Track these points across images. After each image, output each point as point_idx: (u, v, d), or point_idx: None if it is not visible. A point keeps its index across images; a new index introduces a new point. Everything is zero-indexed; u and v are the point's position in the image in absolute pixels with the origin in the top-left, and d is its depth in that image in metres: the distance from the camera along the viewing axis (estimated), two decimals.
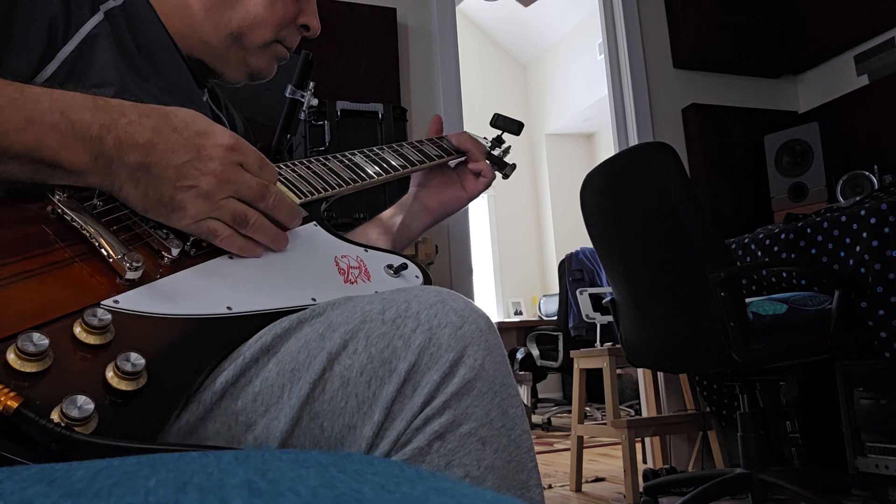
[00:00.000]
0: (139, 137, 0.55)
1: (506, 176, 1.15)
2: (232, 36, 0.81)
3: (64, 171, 0.54)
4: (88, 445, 0.42)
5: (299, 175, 0.78)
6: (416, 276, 0.71)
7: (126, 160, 0.55)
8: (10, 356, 0.44)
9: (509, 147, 1.14)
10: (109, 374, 0.46)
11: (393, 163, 0.90)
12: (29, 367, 0.44)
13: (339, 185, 0.80)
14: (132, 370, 0.46)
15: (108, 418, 0.45)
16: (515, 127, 1.12)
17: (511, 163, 1.14)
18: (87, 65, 0.67)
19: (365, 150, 0.90)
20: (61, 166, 0.54)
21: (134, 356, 0.47)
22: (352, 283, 0.67)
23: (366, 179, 0.84)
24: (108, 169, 0.55)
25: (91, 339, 0.47)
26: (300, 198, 0.74)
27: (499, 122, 1.13)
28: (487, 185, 1.00)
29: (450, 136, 1.01)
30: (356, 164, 0.86)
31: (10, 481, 0.29)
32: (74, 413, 0.43)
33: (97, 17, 0.69)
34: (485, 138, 1.12)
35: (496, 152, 1.12)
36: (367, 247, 0.72)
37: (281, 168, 0.77)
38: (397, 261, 0.71)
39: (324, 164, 0.82)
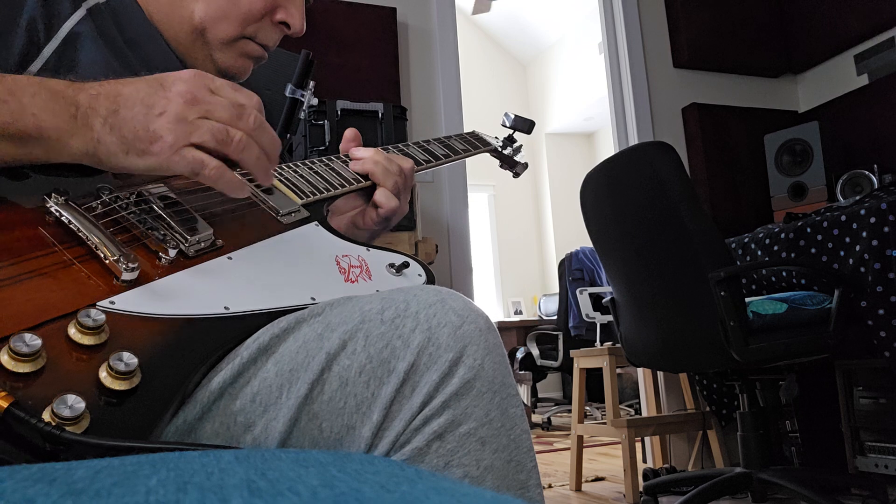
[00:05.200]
0: (106, 87, 0.56)
1: (517, 175, 1.14)
2: (196, 30, 0.77)
3: (47, 141, 0.55)
4: (79, 444, 0.42)
5: (300, 175, 0.77)
6: (419, 275, 0.71)
7: (98, 109, 0.55)
8: (4, 357, 0.44)
9: (521, 146, 1.13)
10: (103, 373, 0.46)
11: None
12: (22, 368, 0.44)
13: (343, 185, 0.80)
14: (125, 369, 0.46)
15: (100, 417, 0.45)
16: (527, 126, 1.12)
17: (523, 161, 1.13)
18: (73, 61, 0.67)
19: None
20: (44, 134, 0.54)
21: (127, 355, 0.47)
22: (352, 282, 0.66)
23: (369, 180, 0.84)
24: (86, 123, 0.55)
25: (85, 340, 0.47)
26: (301, 198, 0.74)
27: (510, 121, 1.12)
28: (386, 216, 0.81)
29: (355, 154, 0.83)
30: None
31: (10, 480, 0.29)
32: (65, 412, 0.42)
33: (79, 14, 0.69)
34: (496, 137, 1.11)
35: (507, 151, 1.11)
36: (369, 245, 0.72)
37: (282, 168, 0.77)
38: (399, 259, 0.71)
39: (327, 164, 0.82)
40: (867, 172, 2.62)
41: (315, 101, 1.04)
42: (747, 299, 1.81)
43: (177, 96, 0.55)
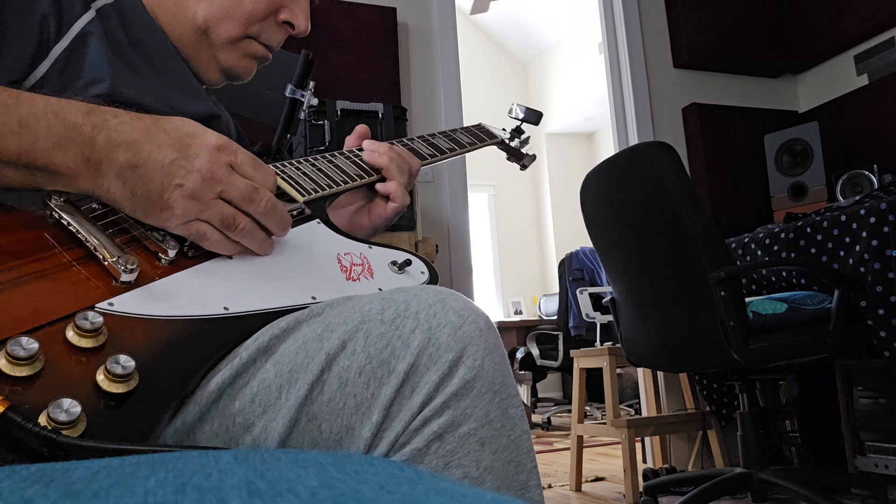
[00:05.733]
0: (128, 135, 0.55)
1: (524, 167, 1.14)
2: (200, 30, 0.77)
3: (55, 175, 0.55)
4: (76, 448, 0.42)
5: (303, 172, 0.77)
6: (422, 272, 0.70)
7: (115, 159, 0.55)
8: (1, 361, 0.43)
9: (528, 137, 1.12)
10: (100, 376, 0.46)
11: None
12: (19, 371, 0.43)
13: (345, 182, 0.79)
14: (122, 372, 0.46)
15: (97, 421, 0.44)
16: (535, 117, 1.11)
17: (531, 153, 1.12)
18: (80, 62, 0.66)
19: None
20: (53, 170, 0.54)
21: (123, 358, 0.46)
22: (354, 280, 0.66)
23: (373, 175, 0.83)
24: (98, 170, 0.55)
25: (83, 343, 0.47)
26: (303, 195, 0.74)
27: (521, 112, 1.12)
28: (397, 211, 0.82)
29: (370, 146, 0.84)
30: (363, 161, 0.85)
31: (9, 481, 0.29)
32: (61, 416, 0.42)
33: (89, 15, 0.68)
34: (503, 129, 1.11)
35: (514, 143, 1.11)
36: (371, 243, 0.71)
37: (285, 166, 0.77)
38: (401, 256, 0.70)
39: (329, 161, 0.81)
40: (867, 172, 2.62)
41: (315, 102, 1.03)
42: (747, 299, 1.81)
43: (196, 172, 0.55)
